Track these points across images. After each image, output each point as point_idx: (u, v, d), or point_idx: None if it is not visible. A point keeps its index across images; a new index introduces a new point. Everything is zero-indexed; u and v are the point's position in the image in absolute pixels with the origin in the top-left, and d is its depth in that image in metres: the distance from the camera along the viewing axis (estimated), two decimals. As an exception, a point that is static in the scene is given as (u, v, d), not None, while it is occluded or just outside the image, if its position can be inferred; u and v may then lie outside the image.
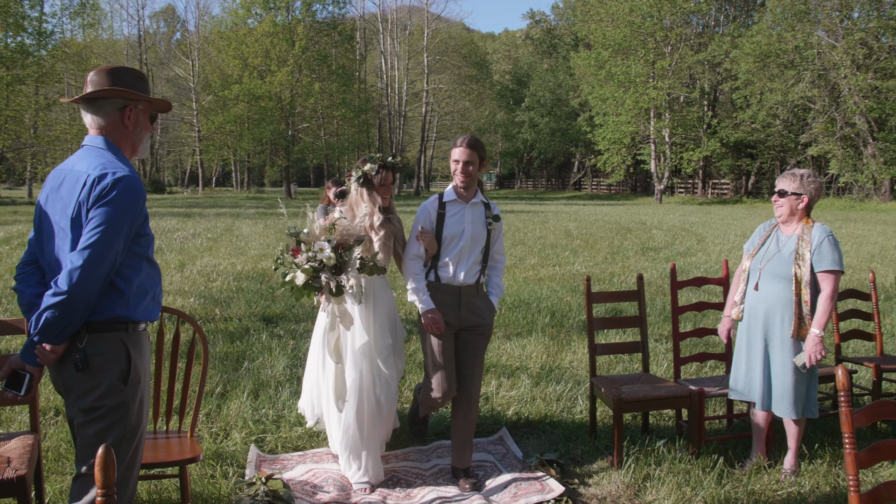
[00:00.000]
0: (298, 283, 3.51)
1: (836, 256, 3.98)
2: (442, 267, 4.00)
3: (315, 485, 4.00)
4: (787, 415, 4.03)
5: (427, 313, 3.92)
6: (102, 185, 2.44)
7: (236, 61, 48.21)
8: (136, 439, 2.63)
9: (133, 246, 2.55)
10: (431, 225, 4.00)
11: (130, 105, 2.63)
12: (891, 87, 33.05)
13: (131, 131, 2.65)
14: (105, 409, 2.51)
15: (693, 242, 16.96)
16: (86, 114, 2.62)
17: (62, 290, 2.38)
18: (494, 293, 4.15)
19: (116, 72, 2.62)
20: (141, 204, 2.53)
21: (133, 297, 2.56)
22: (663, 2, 42.15)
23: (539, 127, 59.99)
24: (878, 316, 5.30)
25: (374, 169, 4.05)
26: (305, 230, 3.66)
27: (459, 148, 3.95)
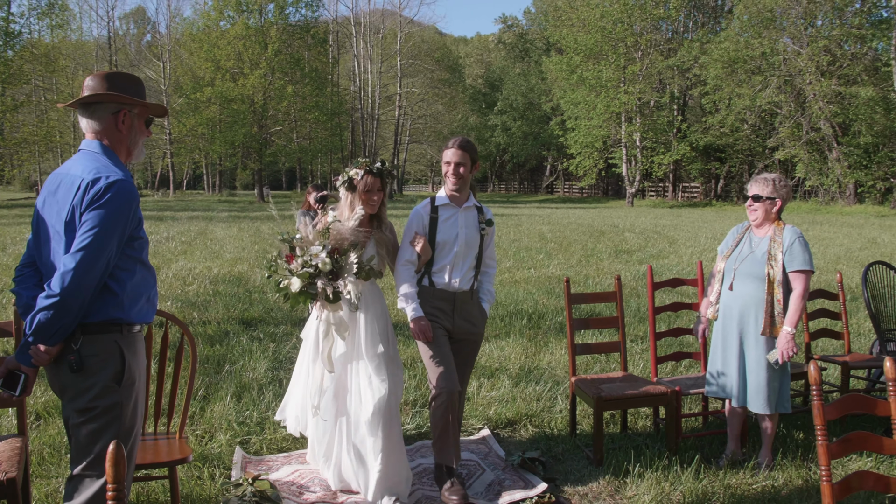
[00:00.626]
0: (294, 289, 3.41)
1: (807, 257, 4.13)
2: (436, 272, 3.93)
3: (301, 485, 4.04)
4: (761, 410, 4.16)
5: (416, 321, 3.84)
6: (96, 189, 2.48)
7: (208, 64, 47.79)
8: (131, 440, 2.66)
9: (127, 249, 2.59)
10: (424, 230, 3.91)
11: (124, 109, 2.66)
12: (853, 94, 33.80)
13: (126, 135, 2.69)
14: (99, 409, 2.55)
15: (665, 245, 17.22)
16: (82, 118, 2.66)
17: (55, 292, 2.42)
18: (486, 299, 4.09)
19: (111, 77, 2.66)
20: (134, 207, 2.56)
21: (127, 299, 2.60)
22: (633, 8, 42.69)
23: (511, 131, 60.35)
24: (845, 315, 5.49)
25: (358, 174, 3.88)
26: (298, 235, 3.57)
27: (451, 149, 3.89)
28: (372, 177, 3.86)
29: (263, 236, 19.03)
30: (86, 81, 2.66)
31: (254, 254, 14.71)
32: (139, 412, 2.72)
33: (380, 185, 3.89)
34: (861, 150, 35.35)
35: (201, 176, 69.76)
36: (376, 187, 3.87)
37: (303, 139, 55.06)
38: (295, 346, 6.88)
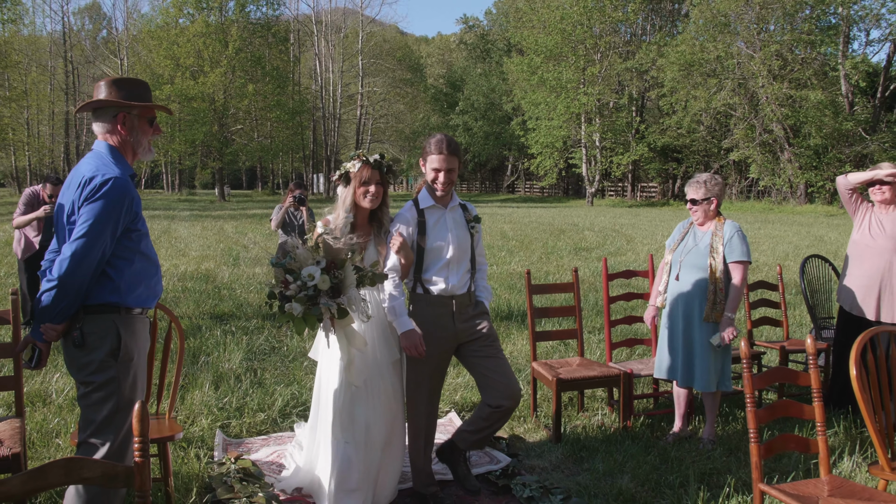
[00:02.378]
0: (296, 314, 3.16)
1: (745, 249, 4.54)
2: (431, 279, 3.66)
3: (280, 464, 4.30)
4: (705, 388, 4.55)
5: (407, 334, 3.53)
6: (92, 185, 2.76)
7: (168, 61, 47.23)
8: (130, 413, 2.91)
9: (124, 240, 2.87)
10: (411, 236, 3.63)
11: (122, 112, 2.92)
12: (804, 97, 34.99)
13: (127, 136, 2.94)
14: (97, 383, 2.82)
15: (623, 243, 17.76)
16: (93, 122, 2.92)
17: (53, 277, 2.73)
18: (484, 296, 3.85)
19: (115, 82, 2.92)
20: (127, 203, 2.82)
21: (124, 284, 2.87)
22: (593, 11, 43.47)
23: (473, 130, 60.78)
24: (784, 305, 5.94)
25: (355, 165, 3.61)
26: (289, 255, 3.28)
27: (439, 155, 3.59)
28: (369, 168, 3.60)
29: (227, 235, 19.08)
30: (95, 86, 2.92)
31: (219, 252, 14.81)
32: (139, 387, 2.96)
33: (379, 179, 3.62)
34: (811, 151, 36.57)
35: (159, 175, 68.76)
36: (374, 180, 3.60)
37: (264, 138, 54.72)
38: (268, 338, 7.12)
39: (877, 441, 3.12)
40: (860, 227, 5.02)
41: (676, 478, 4.00)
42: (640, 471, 4.11)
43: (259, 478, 3.98)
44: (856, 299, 4.93)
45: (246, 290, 10.07)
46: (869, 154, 35.64)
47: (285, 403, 5.16)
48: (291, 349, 6.78)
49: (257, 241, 17.29)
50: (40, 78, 56.10)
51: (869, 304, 4.86)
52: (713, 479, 4.00)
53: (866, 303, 4.87)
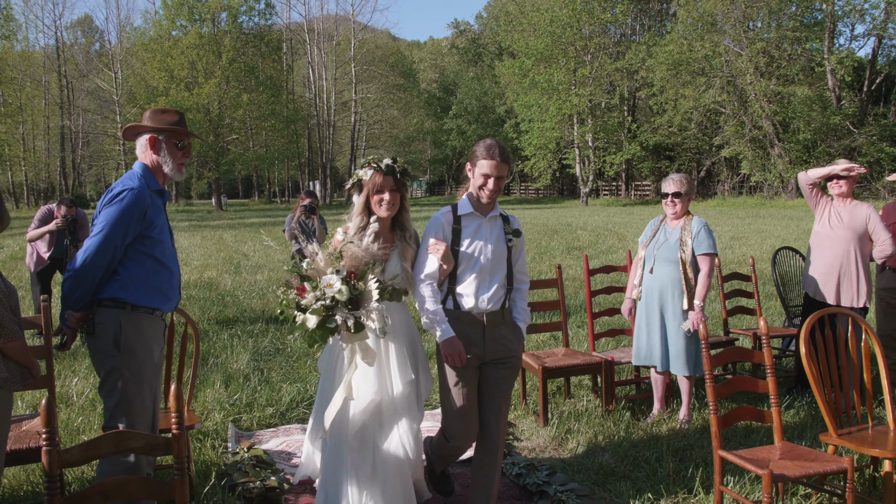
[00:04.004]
0: (310, 326, 3.01)
1: (711, 242, 4.93)
2: (461, 292, 3.46)
3: (289, 453, 4.67)
4: (681, 372, 4.92)
5: (448, 343, 3.35)
6: (112, 194, 3.23)
7: (162, 73, 47.62)
8: (135, 410, 3.21)
9: (137, 245, 3.27)
10: (445, 241, 3.45)
11: (153, 136, 3.31)
12: (791, 93, 35.45)
13: (156, 157, 3.33)
14: (105, 371, 3.22)
15: (615, 241, 18.15)
16: None
17: (72, 268, 3.18)
18: (521, 318, 3.61)
19: (152, 111, 3.37)
20: (139, 211, 3.21)
21: (131, 284, 3.24)
22: (582, 13, 43.92)
23: (467, 134, 61.21)
24: (757, 294, 6.32)
25: (367, 173, 3.47)
26: (306, 262, 3.16)
27: (490, 160, 3.39)
28: (381, 174, 3.44)
29: (227, 244, 19.44)
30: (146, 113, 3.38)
31: (220, 260, 15.17)
32: (145, 379, 3.26)
33: (393, 184, 3.46)
34: (801, 146, 37.01)
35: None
36: (388, 186, 3.44)
37: (259, 147, 55.09)
38: (273, 340, 7.49)
39: (824, 410, 3.50)
40: (821, 218, 5.41)
41: (653, 453, 4.37)
42: (620, 448, 4.48)
43: (271, 464, 4.35)
44: (818, 286, 5.31)
45: (249, 296, 10.43)
46: (857, 147, 36.12)
47: (291, 398, 5.52)
48: (295, 350, 7.14)
49: (257, 249, 17.66)
50: (34, 93, 56.39)
51: (830, 289, 5.24)
52: (686, 454, 4.37)
53: (827, 288, 5.25)
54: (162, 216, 3.40)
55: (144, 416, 3.27)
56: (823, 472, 3.15)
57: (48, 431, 2.19)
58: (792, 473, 3.07)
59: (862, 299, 5.21)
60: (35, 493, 3.96)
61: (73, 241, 7.61)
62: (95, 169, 69.92)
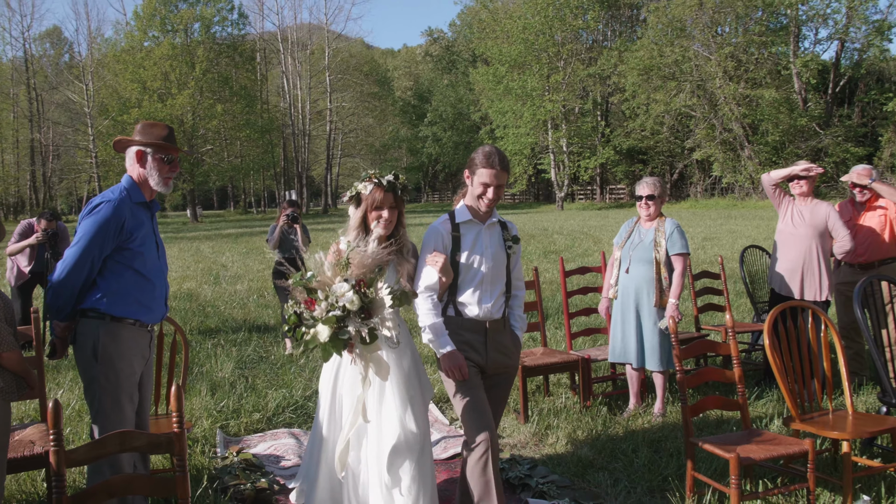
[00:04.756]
0: (322, 339, 2.90)
1: (684, 242, 5.14)
2: (463, 300, 3.43)
3: (278, 456, 4.78)
4: (655, 367, 5.13)
5: (449, 356, 3.31)
6: (90, 206, 3.32)
7: (134, 85, 47.26)
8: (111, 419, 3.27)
9: (116, 256, 3.33)
10: (445, 250, 3.41)
11: (139, 150, 3.41)
12: (759, 96, 36.17)
13: (143, 171, 3.43)
14: (85, 380, 3.32)
15: (590, 244, 18.43)
16: None
17: (51, 279, 3.29)
18: (518, 326, 3.62)
19: (143, 125, 3.44)
20: (116, 223, 3.26)
21: (110, 295, 3.31)
22: (554, 20, 44.44)
23: (442, 141, 61.51)
24: (726, 292, 6.55)
25: (367, 188, 3.41)
26: (311, 273, 3.03)
27: (490, 169, 3.35)
28: (382, 191, 3.39)
29: (205, 255, 19.42)
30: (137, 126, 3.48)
31: (199, 272, 15.18)
32: (124, 388, 3.32)
33: (393, 201, 3.41)
34: (770, 147, 37.74)
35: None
36: (387, 203, 3.39)
37: (234, 157, 54.88)
38: (256, 349, 7.58)
39: (787, 397, 3.71)
40: (784, 217, 5.65)
41: (629, 445, 4.56)
42: (598, 442, 4.66)
43: (260, 467, 4.47)
44: (783, 281, 5.54)
45: (230, 306, 10.51)
46: (824, 148, 36.93)
47: (277, 404, 5.63)
48: (278, 357, 7.25)
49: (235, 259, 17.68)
50: (2, 105, 55.69)
51: (794, 284, 5.48)
52: (661, 445, 4.56)
53: (792, 283, 5.48)
54: (144, 229, 3.42)
55: (122, 424, 3.30)
56: (787, 455, 3.35)
57: (55, 433, 2.30)
58: (757, 456, 3.27)
59: (824, 293, 5.45)
60: (28, 502, 4.04)
61: (54, 255, 7.65)
62: (67, 182, 69.04)
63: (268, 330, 8.68)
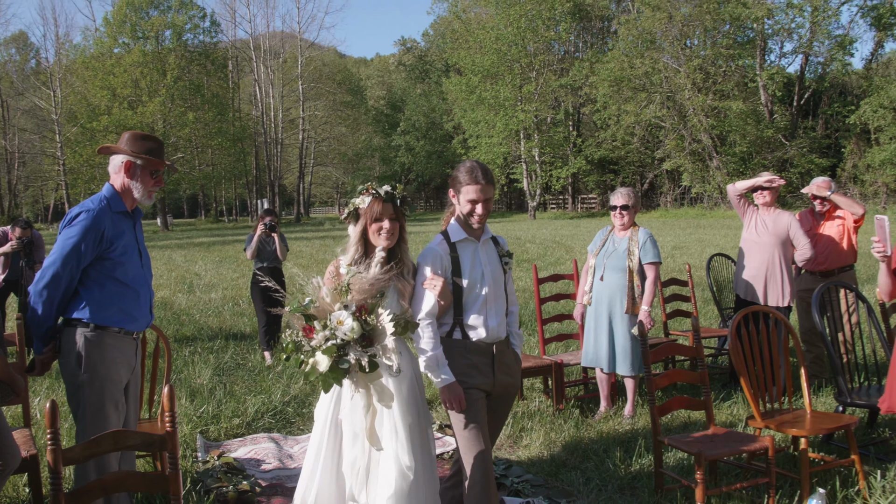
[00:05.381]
0: (322, 369, 2.80)
1: (656, 252, 5.34)
2: (470, 323, 3.31)
3: (258, 459, 4.87)
4: (627, 372, 5.30)
5: (449, 388, 3.21)
6: (70, 216, 3.35)
7: (104, 92, 46.78)
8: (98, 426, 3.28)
9: (97, 265, 3.37)
10: (445, 272, 3.29)
11: (129, 161, 3.46)
12: (727, 107, 36.96)
13: (128, 181, 3.47)
14: (71, 388, 3.36)
15: (563, 253, 18.68)
16: None
17: (30, 293, 3.30)
18: (517, 343, 3.55)
19: (132, 135, 3.48)
20: (95, 234, 3.29)
21: (93, 305, 3.35)
22: (526, 31, 44.94)
23: (415, 150, 61.68)
24: (694, 298, 6.78)
25: (364, 201, 3.29)
26: (309, 299, 2.92)
27: (475, 185, 3.26)
28: (381, 202, 3.27)
29: (177, 264, 19.32)
30: (121, 138, 3.50)
31: (172, 280, 15.13)
32: (108, 396, 3.37)
33: (392, 213, 3.28)
34: (737, 158, 38.56)
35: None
36: (388, 214, 3.26)
37: (206, 165, 54.50)
38: (233, 356, 7.64)
39: (750, 397, 3.90)
40: (748, 226, 5.88)
41: (601, 446, 4.72)
42: (571, 443, 4.82)
43: (242, 470, 4.56)
44: (748, 287, 5.77)
45: (205, 315, 10.52)
46: (789, 159, 37.82)
47: (256, 409, 5.71)
48: (256, 364, 7.31)
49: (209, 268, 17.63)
50: (-33, 111, 54.69)
51: (758, 290, 5.70)
52: (630, 445, 4.73)
53: (756, 289, 5.71)
54: (125, 238, 3.44)
55: (108, 430, 3.37)
56: (749, 451, 3.54)
57: (52, 432, 2.39)
58: (721, 452, 3.45)
59: (786, 299, 5.68)
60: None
61: (29, 263, 7.64)
62: (33, 190, 67.92)
63: (244, 338, 8.73)
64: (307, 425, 5.52)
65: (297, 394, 6.13)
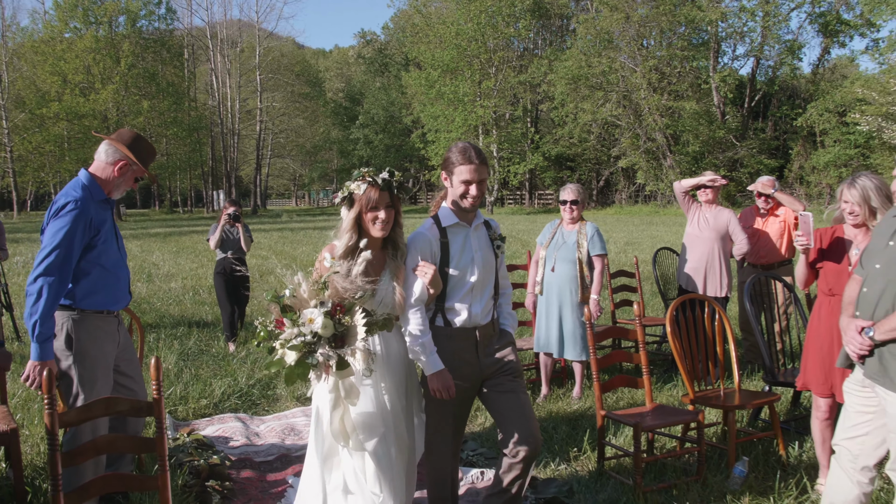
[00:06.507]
0: (289, 362, 2.80)
1: (603, 244, 5.71)
2: (452, 308, 3.26)
3: (226, 437, 5.10)
4: (574, 357, 5.66)
5: (437, 375, 3.15)
6: (57, 206, 3.49)
7: (54, 77, 45.69)
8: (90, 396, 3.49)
9: (85, 254, 3.53)
10: (434, 258, 3.23)
11: (125, 162, 3.63)
12: (681, 107, 37.95)
13: (115, 178, 3.65)
14: (62, 369, 3.52)
15: (519, 247, 19.09)
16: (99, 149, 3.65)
17: (37, 287, 3.36)
18: (508, 323, 3.50)
19: (136, 138, 3.66)
20: (85, 221, 3.46)
21: (80, 292, 3.54)
22: (486, 26, 45.35)
23: (374, 144, 61.64)
24: (640, 289, 7.19)
25: (360, 187, 3.18)
26: (287, 290, 2.90)
27: (468, 165, 3.20)
28: (377, 190, 3.16)
29: (134, 254, 19.18)
30: (121, 131, 3.66)
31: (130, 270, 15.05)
32: (99, 375, 3.57)
33: (389, 201, 3.20)
34: (690, 157, 39.58)
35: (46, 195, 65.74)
36: (384, 202, 3.17)
37: (161, 155, 53.59)
38: (196, 343, 7.80)
39: (684, 375, 4.28)
40: (692, 221, 6.29)
41: (550, 423, 5.07)
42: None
43: (211, 445, 4.78)
44: (689, 279, 6.19)
45: (165, 303, 10.61)
46: (740, 159, 39.00)
47: (223, 391, 5.92)
48: (219, 351, 7.49)
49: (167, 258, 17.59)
50: None
51: (698, 281, 6.12)
52: (577, 423, 5.09)
53: (696, 281, 6.13)
54: (106, 225, 3.63)
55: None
56: (681, 422, 3.91)
57: (49, 397, 2.61)
58: (656, 424, 3.81)
59: (724, 290, 6.11)
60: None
61: (-8, 249, 7.66)
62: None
63: (206, 325, 8.88)
64: (272, 406, 5.76)
65: (262, 377, 6.35)
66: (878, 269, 3.00)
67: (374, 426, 3.14)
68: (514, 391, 3.28)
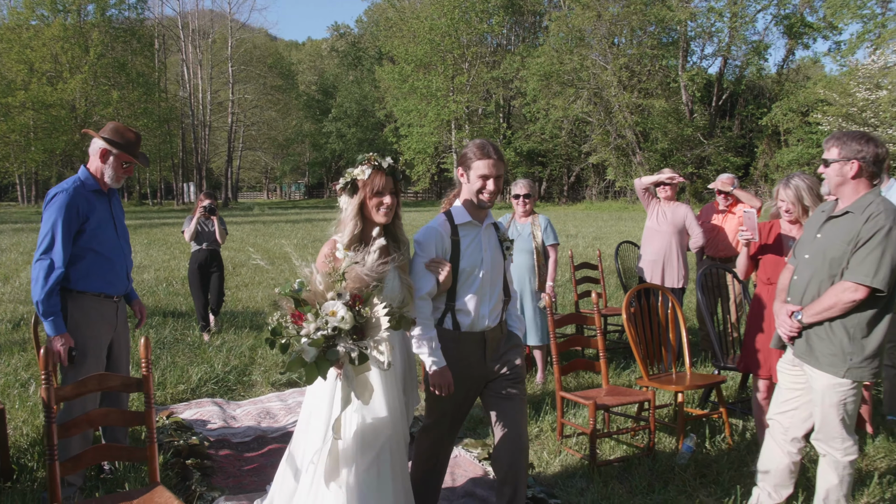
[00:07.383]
0: (308, 359, 2.65)
1: (555, 234, 6.02)
2: (460, 310, 3.20)
3: (204, 420, 5.30)
4: (535, 343, 5.95)
5: (439, 373, 3.09)
6: (49, 196, 3.78)
7: (20, 66, 44.89)
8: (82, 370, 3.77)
9: (77, 239, 3.79)
10: (445, 254, 3.20)
11: (104, 148, 3.87)
12: (650, 105, 38.59)
13: (101, 166, 3.89)
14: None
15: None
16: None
17: (42, 274, 3.68)
18: (516, 326, 3.46)
19: (115, 128, 3.90)
20: (71, 208, 3.73)
21: (74, 275, 3.78)
22: (460, 22, 45.63)
23: (346, 137, 61.65)
24: (603, 280, 7.50)
25: (364, 172, 3.08)
26: (297, 283, 2.74)
27: (486, 160, 3.17)
28: (383, 175, 3.07)
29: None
30: (107, 125, 3.90)
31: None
32: (90, 353, 3.82)
33: (393, 187, 3.10)
34: (659, 154, 40.29)
35: (9, 186, 64.61)
36: (389, 188, 3.08)
37: (130, 146, 52.85)
38: (171, 332, 7.96)
39: (639, 359, 4.58)
40: (651, 216, 6.61)
41: (514, 407, 5.35)
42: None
43: (190, 427, 4.99)
44: (648, 270, 6.51)
45: (139, 294, 10.70)
46: (707, 156, 39.75)
47: (200, 378, 6.11)
48: (194, 340, 7.66)
49: (138, 250, 17.59)
50: None
51: (656, 273, 6.45)
52: (539, 406, 5.38)
53: (654, 272, 6.45)
54: (98, 213, 3.86)
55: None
56: (634, 401, 4.22)
57: (46, 373, 2.82)
58: (610, 402, 4.11)
59: (681, 281, 6.44)
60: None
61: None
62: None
63: (181, 315, 9.02)
64: (248, 392, 5.97)
65: (237, 364, 6.55)
66: (807, 259, 3.32)
67: (376, 431, 2.98)
68: (512, 398, 3.25)
